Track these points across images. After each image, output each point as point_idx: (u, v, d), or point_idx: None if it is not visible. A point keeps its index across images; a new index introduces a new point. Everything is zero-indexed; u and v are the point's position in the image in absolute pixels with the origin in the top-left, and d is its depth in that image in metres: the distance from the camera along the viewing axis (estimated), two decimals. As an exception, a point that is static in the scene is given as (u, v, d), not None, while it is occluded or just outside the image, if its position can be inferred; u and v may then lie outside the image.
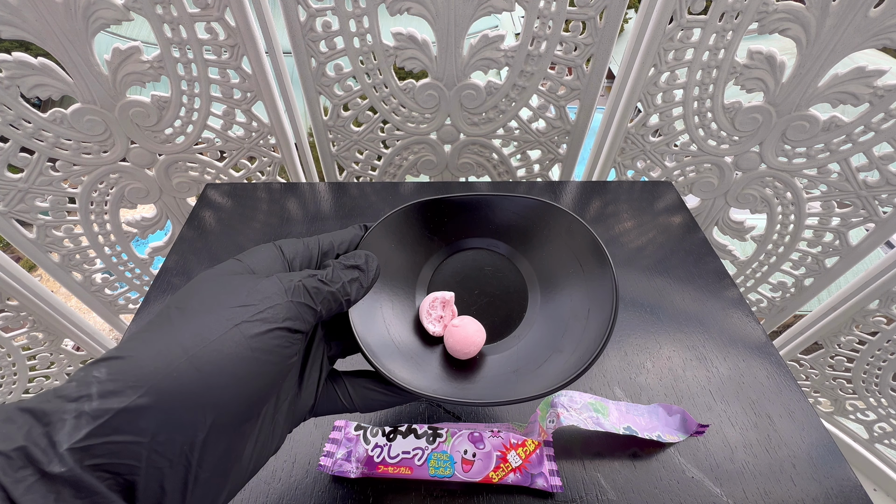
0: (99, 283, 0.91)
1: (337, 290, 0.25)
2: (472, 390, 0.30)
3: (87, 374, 0.19)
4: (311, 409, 0.27)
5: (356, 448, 0.38)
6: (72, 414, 0.17)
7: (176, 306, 0.22)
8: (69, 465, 0.17)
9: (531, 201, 0.35)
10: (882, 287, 0.75)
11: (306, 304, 0.24)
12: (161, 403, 0.19)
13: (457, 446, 0.38)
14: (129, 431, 0.18)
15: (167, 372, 0.19)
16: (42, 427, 0.17)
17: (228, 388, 0.20)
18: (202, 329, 0.21)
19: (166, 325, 0.21)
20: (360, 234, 0.31)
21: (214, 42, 0.62)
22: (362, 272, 0.27)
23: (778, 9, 0.57)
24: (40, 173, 0.72)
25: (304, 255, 0.27)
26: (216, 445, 0.20)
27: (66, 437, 0.17)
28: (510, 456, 0.38)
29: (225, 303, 0.22)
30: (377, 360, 0.28)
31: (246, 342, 0.21)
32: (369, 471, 0.37)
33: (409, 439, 0.38)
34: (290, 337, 0.23)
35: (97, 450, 0.17)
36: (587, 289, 0.32)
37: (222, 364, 0.20)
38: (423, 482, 0.38)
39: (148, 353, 0.20)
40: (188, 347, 0.20)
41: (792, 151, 0.70)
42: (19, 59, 0.60)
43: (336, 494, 0.37)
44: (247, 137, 0.74)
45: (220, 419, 0.20)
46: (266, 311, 0.22)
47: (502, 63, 0.66)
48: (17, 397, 0.89)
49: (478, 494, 0.37)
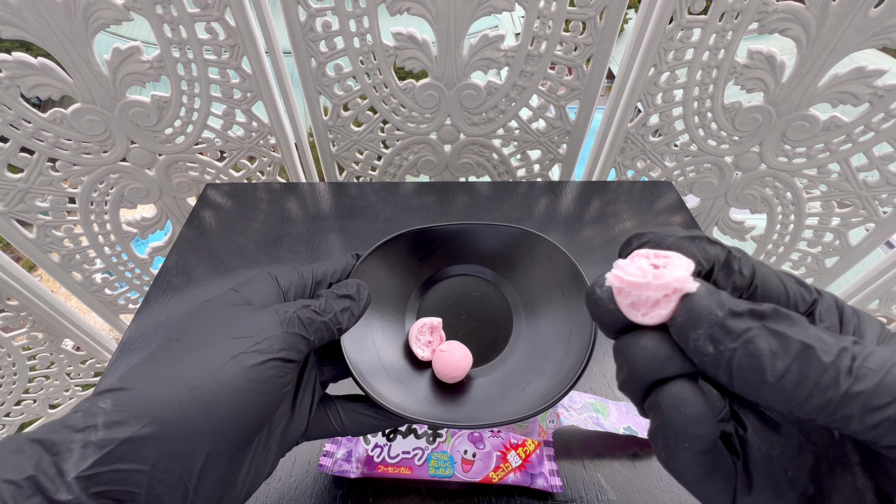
0: (99, 283, 0.91)
1: (329, 319, 0.26)
2: (460, 413, 0.31)
3: (93, 405, 0.20)
4: (304, 434, 0.28)
5: (356, 448, 0.38)
6: (79, 444, 0.19)
7: (177, 338, 0.23)
8: (76, 492, 0.18)
9: (515, 230, 0.37)
10: (882, 287, 0.75)
11: (300, 334, 0.25)
12: (163, 433, 0.20)
13: (457, 446, 0.38)
14: (132, 460, 0.19)
15: (169, 403, 0.20)
16: (50, 457, 0.18)
17: (226, 417, 0.21)
18: (202, 360, 0.22)
19: (168, 357, 0.22)
20: (351, 262, 0.33)
21: (214, 42, 0.62)
22: (354, 301, 0.28)
23: (778, 9, 0.57)
24: (40, 173, 0.72)
25: (299, 284, 0.28)
26: (213, 473, 0.21)
27: (73, 466, 0.18)
28: (510, 456, 0.38)
29: (223, 335, 0.23)
30: (368, 384, 0.29)
31: (243, 373, 0.22)
32: (369, 471, 0.37)
33: (409, 439, 0.38)
34: (285, 367, 0.23)
35: (102, 478, 0.18)
36: (568, 313, 0.33)
37: (221, 394, 0.21)
38: (423, 482, 0.37)
39: (151, 384, 0.21)
40: (189, 379, 0.21)
41: (792, 151, 0.70)
42: (19, 59, 0.60)
43: (336, 494, 0.37)
44: (247, 137, 0.74)
45: (217, 448, 0.21)
46: (262, 342, 0.23)
47: (502, 63, 0.66)
48: (17, 397, 0.89)
49: (478, 494, 0.37)
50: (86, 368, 0.98)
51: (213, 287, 0.54)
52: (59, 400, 0.98)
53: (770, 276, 0.16)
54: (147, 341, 0.48)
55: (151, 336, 0.49)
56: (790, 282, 0.16)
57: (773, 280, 0.16)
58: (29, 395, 0.91)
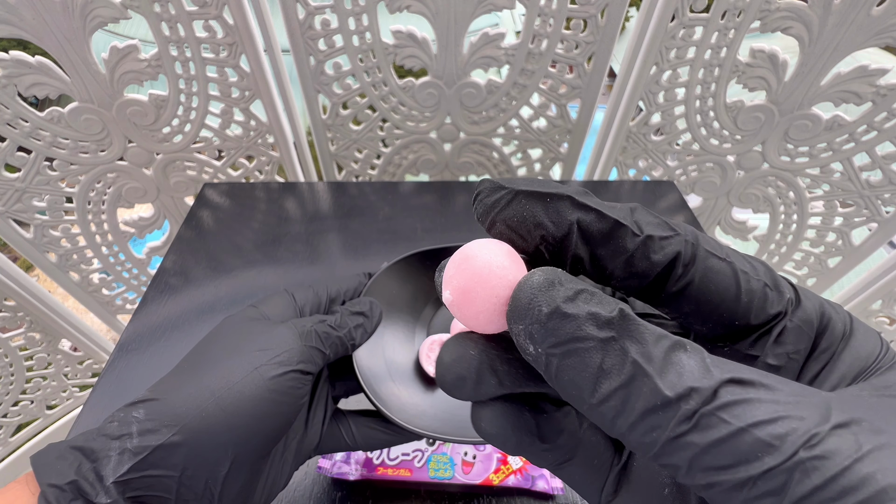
0: (96, 283, 0.91)
1: (344, 335, 0.28)
2: (470, 428, 0.31)
3: (127, 415, 0.21)
4: (317, 447, 0.29)
5: (355, 450, 0.37)
6: (116, 451, 0.20)
7: (201, 351, 0.25)
8: (114, 496, 0.19)
9: None
10: (885, 287, 0.75)
11: (317, 347, 0.26)
12: (191, 441, 0.21)
13: (457, 448, 0.38)
14: (164, 466, 0.20)
15: (197, 412, 0.22)
16: (90, 463, 0.20)
17: (249, 426, 0.22)
18: (226, 373, 0.23)
19: (194, 369, 0.24)
20: (364, 281, 0.34)
21: (212, 40, 0.62)
22: (367, 318, 0.29)
23: (780, 7, 0.56)
24: (37, 173, 0.72)
25: (314, 301, 0.30)
26: (236, 481, 0.22)
27: (111, 471, 0.20)
28: (510, 458, 0.37)
29: (245, 347, 0.24)
30: (379, 400, 0.30)
31: (264, 384, 0.23)
32: (368, 472, 0.36)
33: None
34: (303, 378, 0.25)
35: (137, 483, 0.20)
36: None
37: (244, 405, 0.22)
38: (422, 484, 0.37)
39: (180, 395, 0.22)
40: (214, 390, 0.22)
41: (794, 151, 0.70)
42: (16, 58, 0.60)
43: (335, 496, 0.37)
44: (245, 136, 0.74)
45: (240, 456, 0.22)
46: (282, 354, 0.24)
47: (503, 61, 0.65)
48: (14, 398, 0.88)
49: (478, 497, 0.37)
50: (83, 369, 0.98)
51: (211, 287, 0.54)
52: (57, 401, 0.97)
53: (719, 268, 0.12)
54: (145, 342, 0.48)
55: (149, 337, 0.48)
56: (756, 280, 0.12)
57: (721, 273, 0.12)
58: (26, 395, 0.91)
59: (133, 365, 0.46)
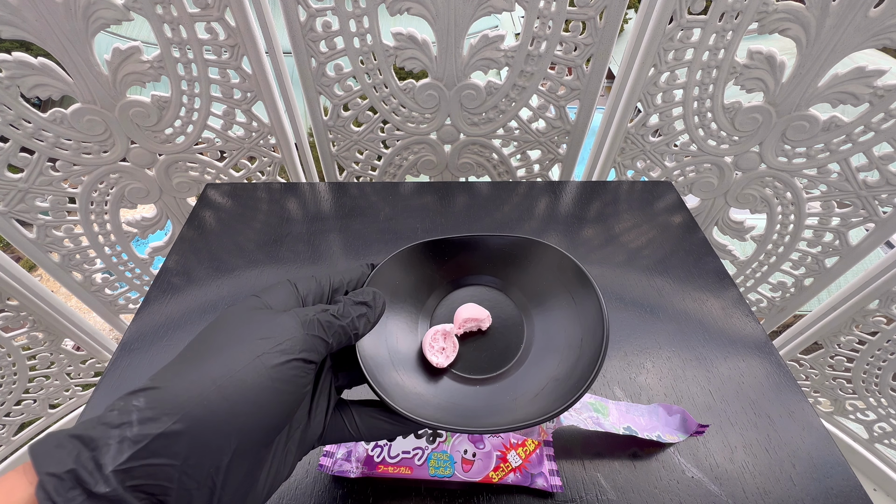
0: (99, 283, 0.91)
1: (347, 324, 0.27)
2: (474, 418, 0.32)
3: (127, 403, 0.21)
4: (320, 438, 0.29)
5: (356, 448, 0.38)
6: (115, 439, 0.20)
7: (203, 340, 0.24)
8: (113, 485, 0.19)
9: (523, 240, 0.39)
10: (882, 287, 0.75)
11: (320, 336, 0.26)
12: (192, 429, 0.21)
13: (457, 446, 0.38)
14: (165, 455, 0.20)
15: (199, 400, 0.21)
16: (89, 452, 0.19)
17: (251, 415, 0.22)
18: (228, 360, 0.23)
19: (196, 358, 0.23)
20: (367, 272, 0.34)
21: (214, 42, 0.62)
22: (370, 308, 0.29)
23: (778, 9, 0.57)
24: (40, 173, 0.72)
25: (317, 291, 0.30)
26: (238, 470, 0.22)
27: (110, 460, 0.19)
28: (510, 456, 0.38)
29: (247, 336, 0.24)
30: (382, 389, 0.30)
31: (267, 372, 0.23)
32: (369, 470, 0.37)
33: (409, 439, 0.38)
34: (305, 367, 0.24)
35: (137, 472, 0.20)
36: (579, 319, 0.34)
37: (246, 393, 0.22)
38: (423, 482, 0.38)
39: (181, 383, 0.22)
40: (216, 378, 0.22)
41: (792, 151, 0.70)
42: (19, 59, 0.60)
43: (336, 494, 0.37)
44: (247, 137, 0.74)
45: (243, 445, 0.22)
46: (284, 342, 0.24)
47: (502, 63, 0.66)
48: (17, 397, 0.89)
49: (478, 494, 0.37)
50: (86, 368, 0.98)
51: (213, 287, 0.54)
52: (60, 400, 0.98)
53: None
54: (147, 341, 0.48)
55: (152, 336, 0.49)
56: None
57: None
58: (29, 394, 0.91)
59: (136, 364, 0.46)
